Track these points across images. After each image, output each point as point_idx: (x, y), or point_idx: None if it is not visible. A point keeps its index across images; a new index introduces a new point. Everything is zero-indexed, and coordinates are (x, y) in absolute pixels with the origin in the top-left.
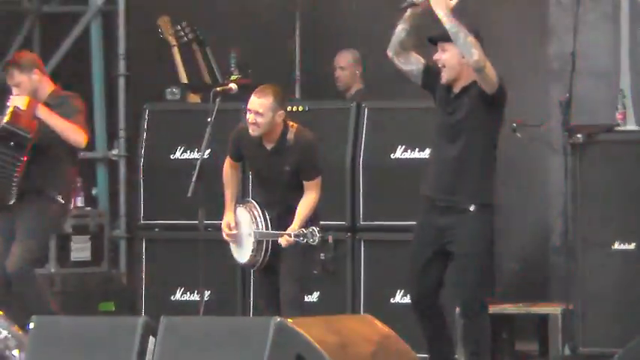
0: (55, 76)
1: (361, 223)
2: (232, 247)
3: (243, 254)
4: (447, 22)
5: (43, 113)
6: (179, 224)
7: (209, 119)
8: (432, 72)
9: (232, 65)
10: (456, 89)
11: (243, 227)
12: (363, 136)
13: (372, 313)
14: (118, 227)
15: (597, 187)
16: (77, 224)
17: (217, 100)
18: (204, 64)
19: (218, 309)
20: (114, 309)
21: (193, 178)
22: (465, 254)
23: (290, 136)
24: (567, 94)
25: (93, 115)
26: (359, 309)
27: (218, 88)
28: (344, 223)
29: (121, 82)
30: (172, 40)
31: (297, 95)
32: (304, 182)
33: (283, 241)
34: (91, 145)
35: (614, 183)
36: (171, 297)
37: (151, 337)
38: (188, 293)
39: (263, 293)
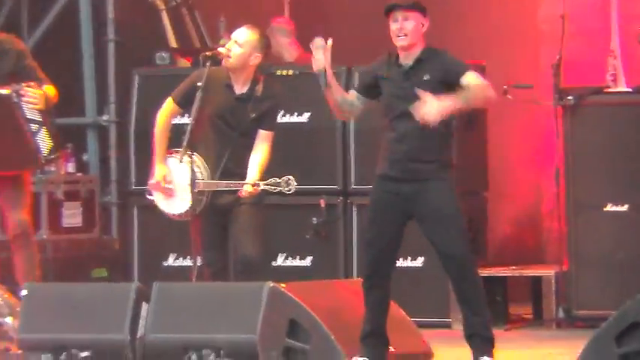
0: (43, 43)
1: (353, 187)
2: (160, 198)
3: (178, 205)
4: (458, 107)
5: None
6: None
7: (199, 84)
8: (365, 86)
9: (221, 29)
10: (408, 60)
11: (179, 178)
12: None
13: None
14: (110, 193)
15: (588, 149)
16: (68, 190)
17: (207, 64)
18: (194, 28)
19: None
20: (106, 275)
21: (184, 143)
22: (448, 214)
23: (259, 86)
24: (557, 56)
25: (83, 81)
26: (352, 273)
27: (208, 53)
28: (336, 187)
29: (111, 47)
30: (161, 4)
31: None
32: (262, 132)
33: (247, 189)
34: (81, 111)
35: (605, 145)
36: (164, 263)
37: (143, 303)
38: (181, 259)
39: (208, 245)
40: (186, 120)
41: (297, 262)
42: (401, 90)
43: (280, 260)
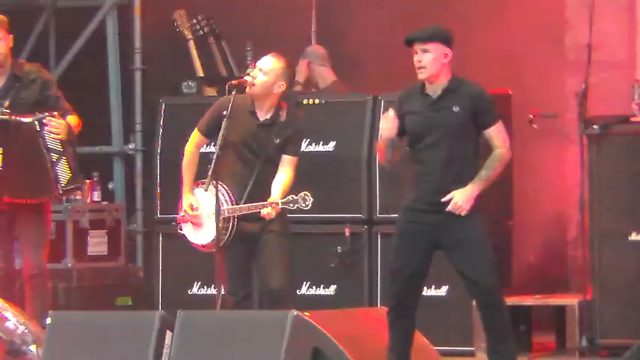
0: (71, 71)
1: (378, 215)
2: (188, 230)
3: (205, 235)
4: (483, 188)
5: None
6: None
7: (225, 113)
8: (400, 122)
9: (248, 58)
10: (437, 90)
11: (206, 207)
12: (379, 127)
13: None
14: (135, 221)
15: (613, 178)
16: (94, 219)
17: (233, 93)
18: (220, 58)
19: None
20: (131, 303)
21: (209, 172)
22: (475, 243)
23: (283, 112)
24: (583, 85)
25: (109, 110)
26: (376, 302)
27: (234, 82)
28: (361, 215)
29: (137, 76)
30: (188, 34)
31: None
32: (286, 157)
33: (267, 210)
34: (107, 140)
35: (630, 173)
36: (188, 291)
37: (168, 331)
38: (205, 287)
39: (234, 274)
40: (212, 149)
41: (321, 291)
42: (428, 120)
43: (304, 289)
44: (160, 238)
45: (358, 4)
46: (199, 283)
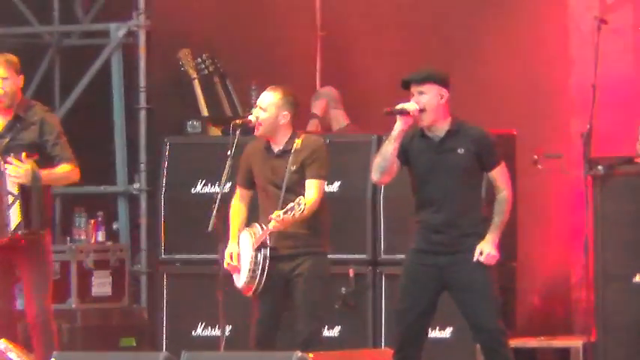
0: (75, 110)
1: (382, 256)
2: (235, 276)
3: (241, 277)
4: (500, 232)
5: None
6: (200, 258)
7: (229, 152)
8: (402, 153)
9: (253, 98)
10: (439, 132)
11: (244, 251)
12: None
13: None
14: (139, 262)
15: (618, 219)
16: (98, 259)
17: (237, 132)
18: (225, 97)
19: (239, 344)
20: (135, 344)
21: (214, 212)
22: (481, 287)
23: (298, 140)
24: (588, 126)
25: (114, 149)
26: (380, 343)
27: (238, 121)
28: (365, 256)
29: (142, 115)
30: (193, 73)
31: (319, 127)
32: (307, 182)
33: (272, 223)
34: (112, 179)
35: (635, 214)
36: (193, 332)
37: None
38: (209, 328)
39: (262, 317)
40: (216, 189)
41: (325, 332)
42: (432, 163)
43: None
44: (165, 278)
45: (363, 43)
46: (203, 323)
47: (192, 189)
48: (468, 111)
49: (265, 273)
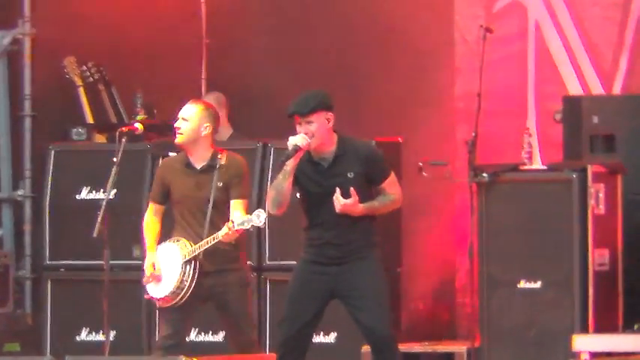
0: None
1: (267, 262)
2: (151, 286)
3: (163, 288)
4: (370, 212)
5: None
6: (84, 264)
7: (114, 159)
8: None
9: (138, 105)
10: (328, 156)
11: (169, 262)
12: (269, 176)
13: None
14: (24, 267)
15: (503, 226)
16: None
17: (123, 140)
18: (110, 104)
19: (123, 349)
20: (19, 349)
21: (99, 219)
22: (372, 293)
23: (222, 157)
24: (473, 134)
25: None
26: (265, 348)
27: (123, 128)
28: (250, 263)
29: (27, 122)
30: (78, 80)
31: None
32: (233, 202)
33: (224, 231)
34: None
35: (519, 221)
36: (77, 337)
37: None
38: (93, 333)
39: (172, 336)
40: (102, 195)
41: (210, 337)
42: (323, 189)
43: (193, 335)
44: (49, 284)
45: (247, 51)
46: (88, 329)
47: (77, 195)
48: (355, 119)
49: (192, 287)
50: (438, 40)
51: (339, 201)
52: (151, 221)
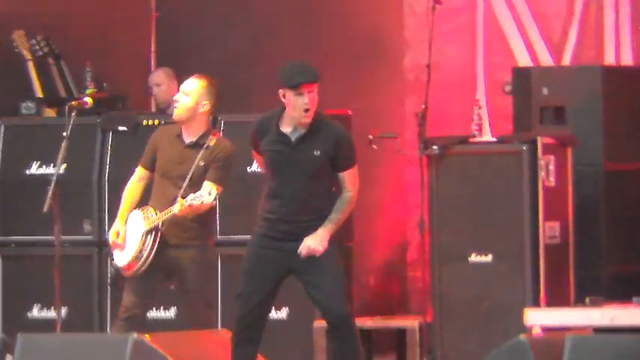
0: None
1: (218, 237)
2: (116, 252)
3: (124, 256)
4: (335, 229)
5: None
6: (35, 240)
7: (64, 133)
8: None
9: (87, 79)
10: (301, 128)
11: (133, 230)
12: None
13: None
14: None
15: (453, 199)
16: None
17: (73, 114)
18: (60, 78)
19: (75, 325)
20: None
21: (49, 194)
22: (327, 269)
23: (212, 139)
24: (423, 106)
25: None
26: (216, 325)
27: (73, 102)
28: None
29: None
30: (27, 54)
31: (153, 109)
32: (207, 182)
33: (178, 207)
34: None
35: (470, 194)
36: (29, 314)
37: (8, 355)
38: (45, 310)
39: (137, 287)
40: (52, 170)
41: (161, 314)
42: (287, 160)
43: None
44: (0, 260)
45: (199, 23)
46: (39, 305)
47: (27, 170)
48: None
49: (151, 257)
50: (387, 12)
51: (305, 246)
52: (132, 187)
